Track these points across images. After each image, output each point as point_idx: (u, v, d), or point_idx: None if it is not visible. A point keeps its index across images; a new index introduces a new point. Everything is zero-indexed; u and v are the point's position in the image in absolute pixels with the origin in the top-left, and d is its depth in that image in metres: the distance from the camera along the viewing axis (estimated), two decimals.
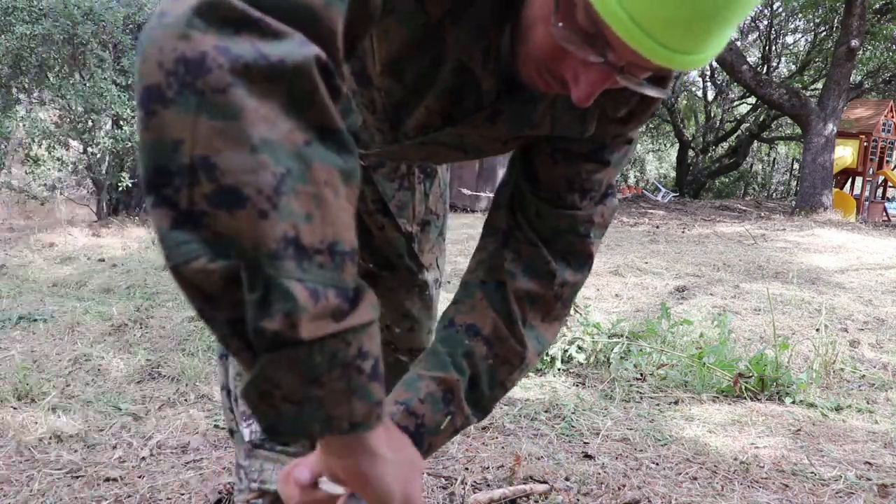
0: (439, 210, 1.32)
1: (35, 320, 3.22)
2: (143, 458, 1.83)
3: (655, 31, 0.64)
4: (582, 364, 2.79)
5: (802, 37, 17.99)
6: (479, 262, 1.04)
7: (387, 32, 0.80)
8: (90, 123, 6.97)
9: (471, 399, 0.97)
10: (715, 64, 15.96)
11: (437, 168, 1.30)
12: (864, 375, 2.90)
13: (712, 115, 18.66)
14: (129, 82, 6.77)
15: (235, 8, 0.52)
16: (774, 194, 19.87)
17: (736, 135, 18.41)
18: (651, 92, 0.74)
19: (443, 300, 1.33)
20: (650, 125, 20.05)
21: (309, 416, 0.56)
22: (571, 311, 3.05)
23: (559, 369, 2.76)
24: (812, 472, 1.92)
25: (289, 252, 0.52)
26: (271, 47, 0.51)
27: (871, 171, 11.99)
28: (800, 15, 16.03)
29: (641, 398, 2.52)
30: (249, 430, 0.98)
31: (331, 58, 0.56)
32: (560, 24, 0.69)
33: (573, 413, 2.30)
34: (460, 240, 6.10)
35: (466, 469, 1.86)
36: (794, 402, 2.52)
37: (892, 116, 11.94)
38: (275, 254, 0.51)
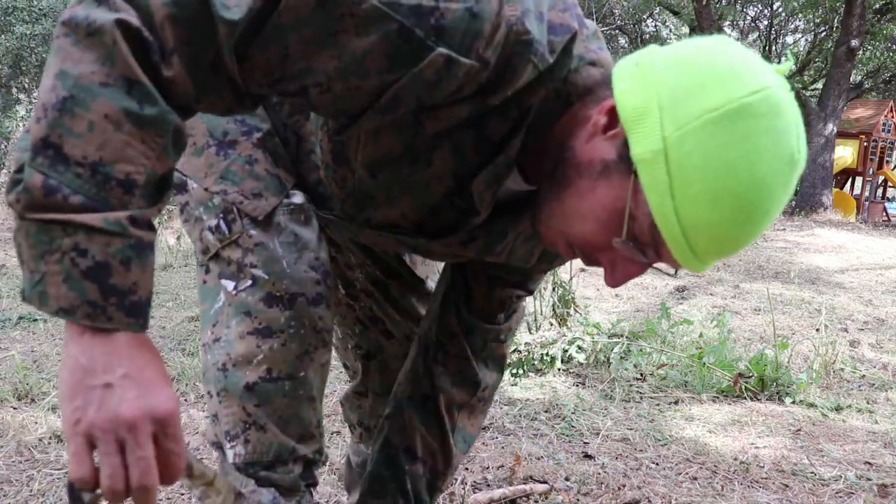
0: None
1: (35, 320, 3.22)
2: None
3: (702, 254, 0.75)
4: (582, 364, 2.80)
5: (802, 37, 17.98)
6: (409, 378, 1.19)
7: (377, 135, 0.81)
8: None
9: None
10: None
11: None
12: (864, 375, 2.90)
13: None
14: None
15: None
16: None
17: None
18: (666, 272, 0.89)
19: None
20: None
21: (34, 286, 0.66)
22: (572, 312, 3.05)
23: (559, 369, 2.76)
24: (812, 472, 1.93)
25: (47, 152, 0.64)
26: (100, 12, 0.67)
27: (871, 171, 11.99)
28: (800, 15, 16.02)
29: (641, 398, 2.52)
30: (233, 451, 0.96)
31: (156, 41, 0.68)
32: (625, 239, 0.76)
33: (573, 413, 2.30)
34: None
35: (466, 469, 1.87)
36: (794, 402, 2.52)
37: (892, 116, 11.95)
38: (34, 148, 0.65)
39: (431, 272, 1.33)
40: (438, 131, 0.79)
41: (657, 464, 1.95)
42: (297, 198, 0.97)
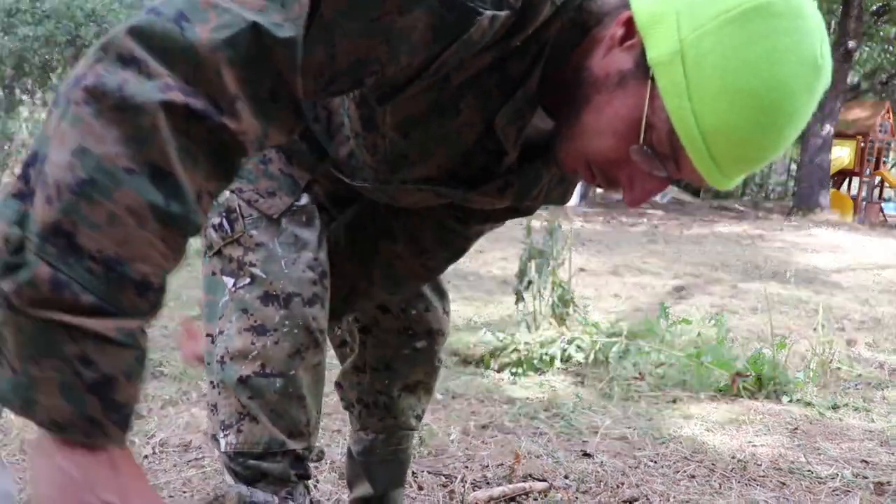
0: None
1: None
2: (146, 457, 1.84)
3: (724, 164, 0.72)
4: (581, 363, 2.81)
5: None
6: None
7: (406, 97, 0.80)
8: None
9: None
10: None
11: None
12: (860, 374, 2.92)
13: None
14: None
15: (127, 46, 0.60)
16: (772, 195, 19.88)
17: None
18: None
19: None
20: None
21: (19, 388, 0.58)
22: (571, 311, 3.07)
23: (558, 368, 2.78)
24: (809, 471, 1.94)
25: (58, 241, 0.56)
26: (135, 83, 0.58)
27: (867, 172, 12.02)
28: None
29: (640, 397, 2.54)
30: (226, 441, 0.98)
31: (209, 99, 0.61)
32: (643, 146, 0.73)
33: (572, 412, 2.32)
34: None
35: (466, 467, 1.88)
36: (791, 401, 2.53)
37: (889, 117, 11.97)
38: (42, 233, 0.56)
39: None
40: (463, 81, 0.79)
41: (655, 462, 1.97)
42: (303, 199, 0.99)
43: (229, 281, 0.97)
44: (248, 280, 0.96)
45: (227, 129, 0.63)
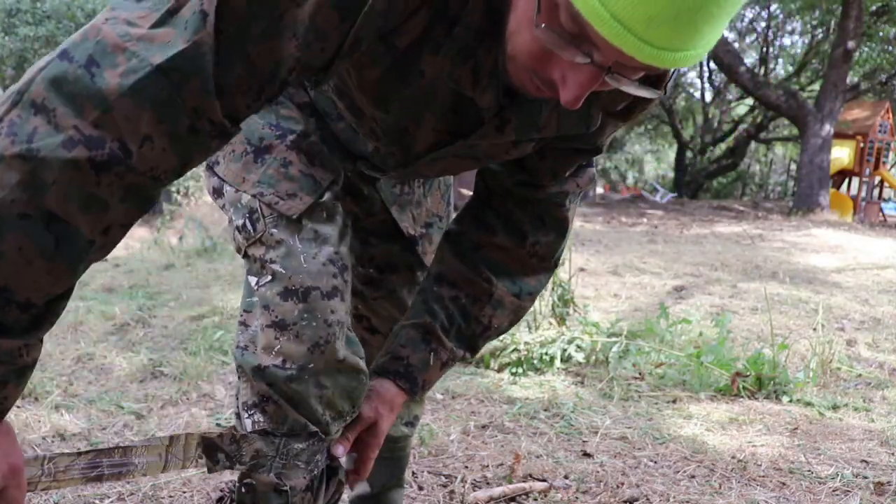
0: (441, 211, 1.33)
1: None
2: None
3: (639, 29, 0.64)
4: (581, 363, 2.81)
5: (800, 39, 18.03)
6: (457, 217, 1.15)
7: (361, 71, 0.83)
8: None
9: (451, 335, 1.10)
10: (713, 66, 15.99)
11: None
12: (860, 374, 2.92)
13: (710, 116, 18.69)
14: None
15: (39, 93, 0.65)
16: (772, 195, 19.90)
17: (734, 136, 18.44)
18: (641, 92, 0.75)
19: None
20: (648, 126, 20.08)
21: None
22: (571, 311, 3.07)
23: (558, 368, 2.78)
24: (809, 471, 1.94)
25: None
26: (44, 134, 0.64)
27: (867, 172, 12.02)
28: (797, 17, 16.06)
29: (640, 397, 2.54)
30: (251, 420, 1.00)
31: (118, 143, 0.66)
32: (543, 25, 0.70)
33: (572, 412, 2.32)
34: None
35: (466, 467, 1.88)
36: (791, 401, 2.53)
37: (889, 117, 11.98)
38: None
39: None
40: (411, 43, 0.80)
41: (655, 462, 1.97)
42: (324, 198, 1.01)
43: (253, 280, 1.00)
44: (269, 277, 0.98)
45: (135, 171, 0.68)
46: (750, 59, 17.49)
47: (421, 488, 1.75)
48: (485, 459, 1.93)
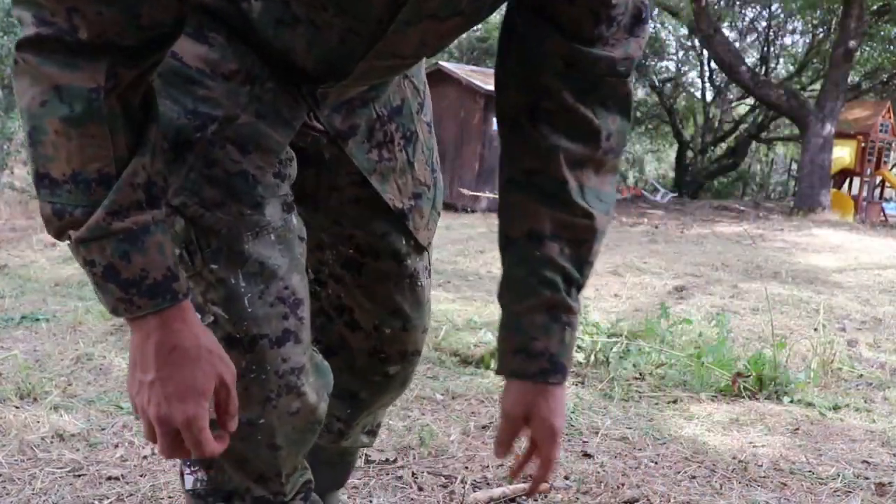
0: (429, 180, 1.16)
1: (37, 320, 3.23)
2: (145, 457, 1.84)
3: None
4: (581, 363, 2.81)
5: (801, 38, 18.02)
6: (507, 159, 0.97)
7: None
8: None
9: (571, 294, 0.95)
10: (713, 65, 15.99)
11: (418, 131, 1.14)
12: (861, 375, 2.92)
13: (711, 115, 18.68)
14: None
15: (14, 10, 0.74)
16: (773, 195, 19.89)
17: (734, 135, 18.44)
18: None
19: (436, 295, 1.34)
20: (649, 126, 20.08)
21: (97, 295, 0.76)
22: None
23: None
24: (810, 471, 1.94)
25: (44, 183, 0.72)
26: (7, 41, 0.79)
27: (868, 172, 12.02)
28: (798, 16, 16.05)
29: (640, 397, 2.54)
30: (193, 477, 0.94)
31: (50, 18, 0.70)
32: None
33: (572, 412, 2.32)
34: (461, 239, 6.11)
35: (466, 468, 1.88)
36: (792, 402, 2.53)
37: (890, 117, 11.97)
38: (35, 185, 0.73)
39: (434, 229, 1.20)
40: None
41: (656, 462, 1.96)
42: (267, 209, 0.88)
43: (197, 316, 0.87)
44: (211, 319, 0.87)
45: (78, 39, 0.70)
46: (751, 58, 17.48)
47: (421, 489, 1.74)
48: (485, 460, 1.92)
